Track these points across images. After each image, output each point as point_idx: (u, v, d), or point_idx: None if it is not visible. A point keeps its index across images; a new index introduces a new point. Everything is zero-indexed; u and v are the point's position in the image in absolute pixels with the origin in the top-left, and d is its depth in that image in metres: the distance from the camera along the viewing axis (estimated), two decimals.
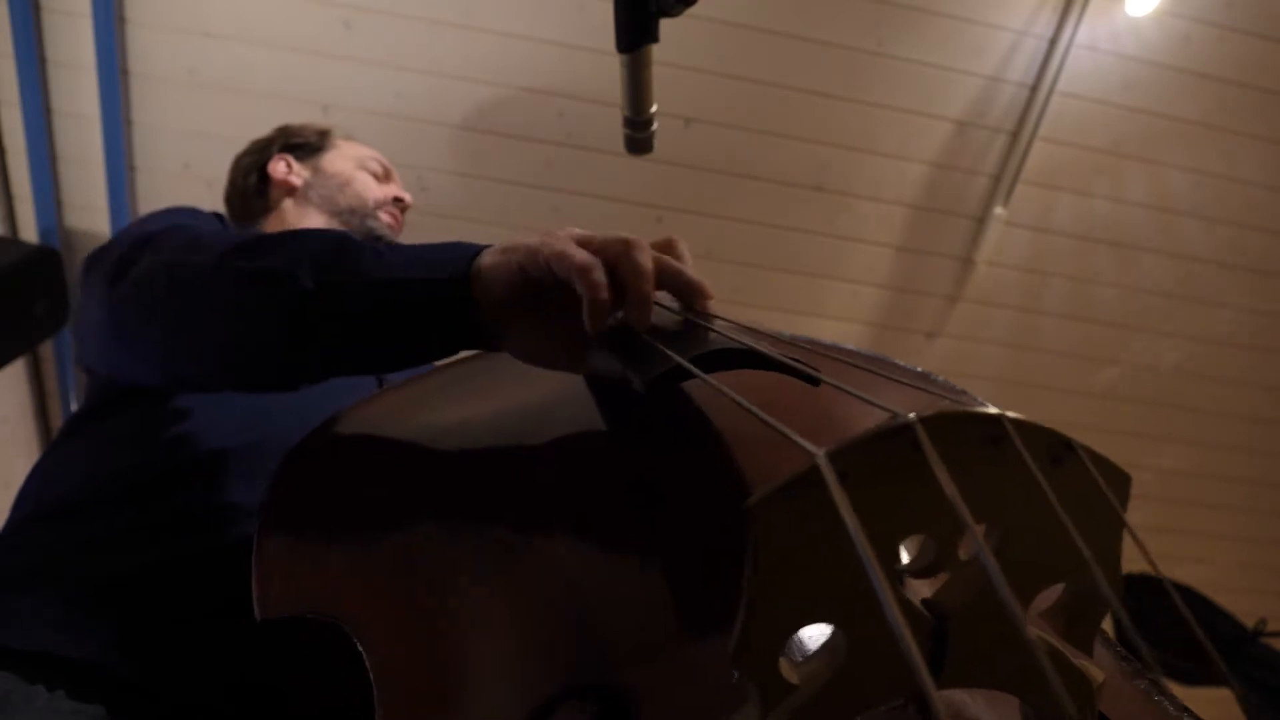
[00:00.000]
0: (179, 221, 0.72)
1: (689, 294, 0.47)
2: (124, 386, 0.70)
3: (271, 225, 1.03)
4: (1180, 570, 1.99)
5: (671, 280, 0.47)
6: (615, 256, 0.44)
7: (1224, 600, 1.62)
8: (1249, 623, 1.55)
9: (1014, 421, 0.23)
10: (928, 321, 1.83)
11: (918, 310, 1.81)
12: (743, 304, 1.77)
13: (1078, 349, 1.86)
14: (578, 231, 0.45)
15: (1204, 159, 1.70)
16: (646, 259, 0.44)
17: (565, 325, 0.47)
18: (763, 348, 0.42)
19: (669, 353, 0.41)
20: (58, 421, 1.71)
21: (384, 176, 1.06)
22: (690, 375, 0.39)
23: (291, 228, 0.99)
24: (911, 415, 0.22)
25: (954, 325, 1.83)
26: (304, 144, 1.05)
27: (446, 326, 0.47)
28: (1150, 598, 1.65)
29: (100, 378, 0.73)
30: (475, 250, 0.47)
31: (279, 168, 1.03)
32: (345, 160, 1.04)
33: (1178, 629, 1.58)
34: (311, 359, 0.50)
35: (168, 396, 0.67)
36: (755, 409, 0.31)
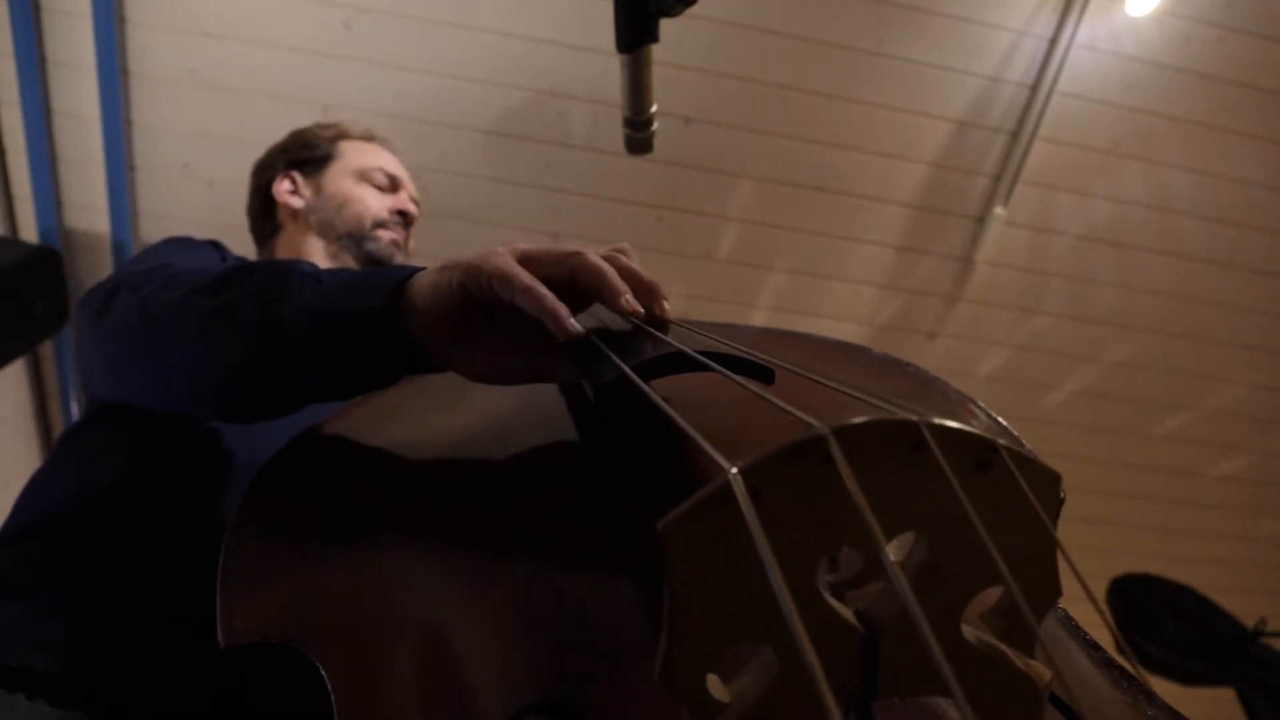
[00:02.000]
0: (164, 259, 0.72)
1: (645, 296, 0.46)
2: (118, 403, 0.70)
3: (281, 248, 1.02)
4: (1179, 570, 1.99)
5: (629, 280, 0.46)
6: (570, 269, 0.43)
7: (1224, 600, 1.62)
8: (1249, 623, 1.55)
9: (932, 427, 0.22)
10: (928, 321, 1.83)
11: (918, 310, 1.81)
12: (743, 304, 1.77)
13: (1078, 349, 1.86)
14: (521, 247, 0.45)
15: (1204, 159, 1.70)
16: (596, 259, 0.44)
17: (516, 339, 0.46)
18: (716, 350, 0.42)
19: (617, 360, 0.41)
20: (58, 421, 1.71)
21: (389, 187, 1.01)
22: (638, 384, 0.38)
23: (296, 252, 0.99)
24: (823, 426, 0.21)
25: (954, 325, 1.83)
26: (310, 157, 1.01)
27: (378, 354, 0.47)
28: (1150, 598, 1.65)
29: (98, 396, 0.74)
30: (404, 275, 0.47)
31: (282, 189, 1.01)
32: (347, 176, 1.00)
33: (1178, 628, 1.58)
34: (272, 390, 0.50)
35: (157, 415, 0.67)
36: (677, 418, 0.31)
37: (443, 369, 0.48)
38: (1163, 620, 1.61)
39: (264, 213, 1.04)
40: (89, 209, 1.53)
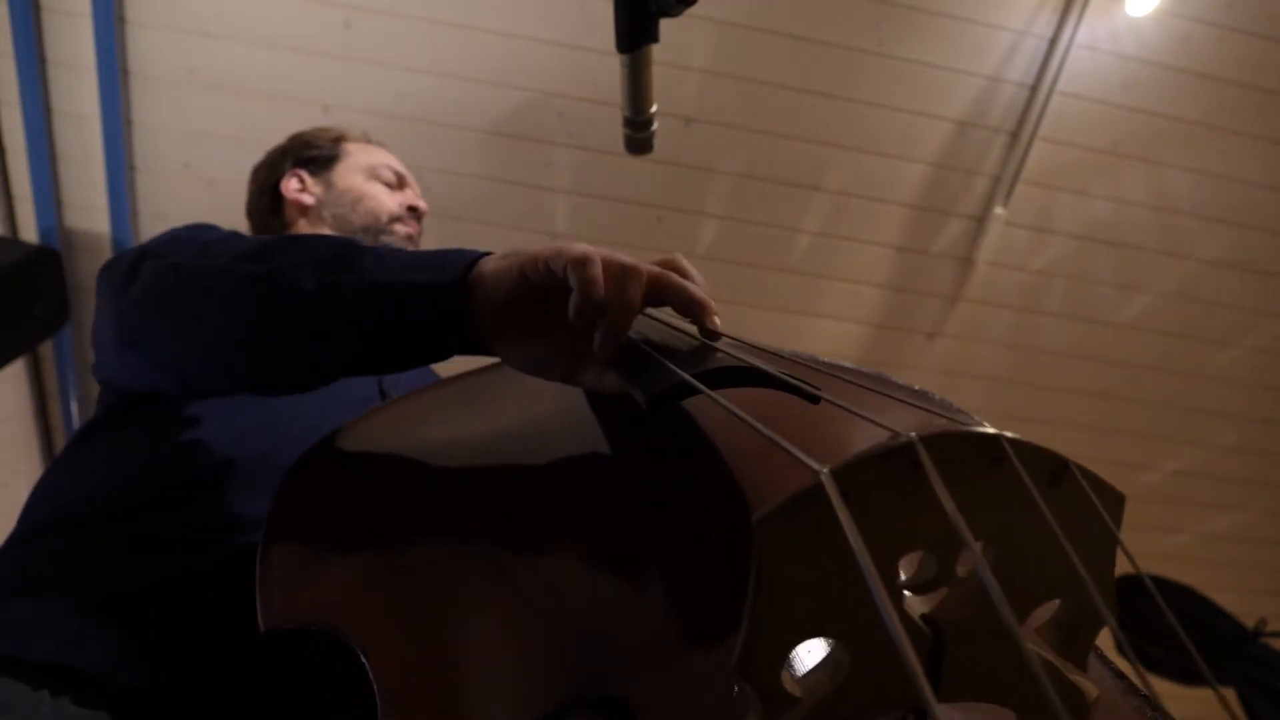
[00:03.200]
0: (190, 233, 0.72)
1: (694, 311, 0.47)
2: (134, 397, 0.70)
3: None
4: (1179, 570, 1.99)
5: (676, 296, 0.46)
6: (611, 277, 0.43)
7: (1224, 600, 1.62)
8: (1249, 623, 1.55)
9: (1013, 442, 0.23)
10: (928, 321, 1.83)
11: (918, 310, 1.81)
12: (743, 304, 1.77)
13: (1078, 349, 1.86)
14: (584, 245, 0.45)
15: (1204, 159, 1.70)
16: (637, 293, 0.44)
17: (564, 337, 0.48)
18: (766, 366, 0.42)
19: (674, 369, 0.42)
20: (58, 421, 1.71)
21: (398, 185, 1.04)
22: (694, 392, 0.39)
23: None
24: (913, 434, 0.22)
25: (954, 325, 1.83)
26: (317, 156, 1.03)
27: (443, 330, 0.47)
28: (1151, 599, 1.65)
29: (113, 388, 0.74)
30: (475, 256, 0.48)
31: (291, 186, 1.02)
32: (357, 172, 1.02)
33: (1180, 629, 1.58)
34: (315, 360, 0.50)
35: (174, 408, 0.67)
36: (761, 426, 0.32)
37: (490, 353, 0.49)
38: (1165, 621, 1.61)
39: (272, 211, 1.05)
40: (89, 209, 1.53)
